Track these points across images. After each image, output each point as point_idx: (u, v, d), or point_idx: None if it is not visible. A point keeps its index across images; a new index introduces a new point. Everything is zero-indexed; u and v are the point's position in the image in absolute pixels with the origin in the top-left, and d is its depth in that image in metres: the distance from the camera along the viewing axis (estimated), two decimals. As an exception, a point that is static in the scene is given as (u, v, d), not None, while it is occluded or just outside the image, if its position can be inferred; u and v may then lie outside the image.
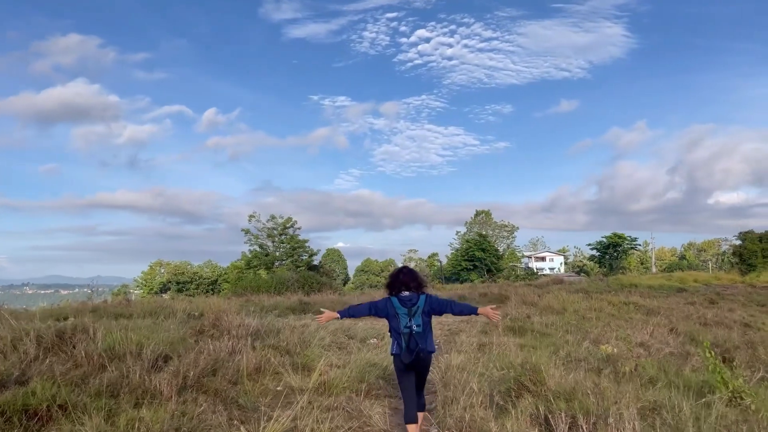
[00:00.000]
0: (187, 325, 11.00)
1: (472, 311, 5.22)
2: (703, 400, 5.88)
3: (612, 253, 74.56)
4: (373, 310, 5.24)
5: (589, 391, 5.20)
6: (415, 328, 5.01)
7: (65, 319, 12.88)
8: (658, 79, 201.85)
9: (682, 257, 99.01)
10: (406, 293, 5.15)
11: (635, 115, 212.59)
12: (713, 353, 6.77)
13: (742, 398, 6.23)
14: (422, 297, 5.15)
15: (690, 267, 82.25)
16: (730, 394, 6.21)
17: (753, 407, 6.07)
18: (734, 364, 8.17)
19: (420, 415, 5.31)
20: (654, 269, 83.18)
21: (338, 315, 5.27)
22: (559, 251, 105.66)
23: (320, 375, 7.27)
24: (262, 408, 5.99)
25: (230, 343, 8.44)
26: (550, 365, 6.09)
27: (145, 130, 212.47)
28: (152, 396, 5.73)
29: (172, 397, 5.71)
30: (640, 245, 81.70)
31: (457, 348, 10.29)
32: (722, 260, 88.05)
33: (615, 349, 9.88)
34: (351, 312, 5.30)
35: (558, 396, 5.28)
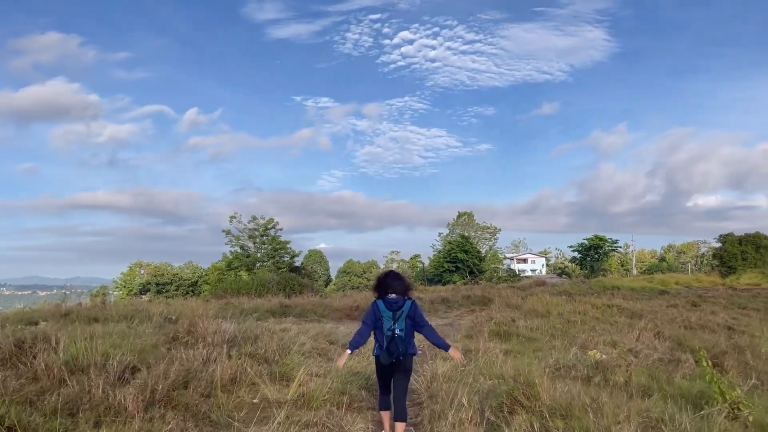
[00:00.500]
0: (161, 330, 10.52)
1: (444, 347, 5.46)
2: (702, 412, 5.61)
3: (593, 255, 75.00)
4: (369, 323, 5.33)
5: (588, 408, 4.87)
6: (398, 331, 5.19)
7: (35, 324, 12.32)
8: (638, 82, 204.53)
9: (662, 259, 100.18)
10: (393, 296, 5.29)
11: (616, 119, 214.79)
12: (709, 362, 6.52)
13: (739, 409, 5.99)
14: (408, 302, 5.33)
15: (670, 269, 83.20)
16: (728, 406, 5.95)
17: (751, 419, 5.84)
18: (730, 373, 7.94)
19: (401, 425, 5.32)
20: (634, 271, 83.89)
21: (349, 351, 5.34)
22: (540, 253, 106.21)
23: (299, 386, 6.87)
24: (236, 424, 5.57)
25: (205, 351, 7.97)
26: (544, 377, 5.74)
27: (126, 130, 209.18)
28: (115, 413, 5.27)
29: (137, 414, 5.26)
30: (620, 247, 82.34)
31: (442, 355, 9.94)
32: (701, 262, 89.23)
33: (604, 356, 9.63)
34: (357, 342, 5.32)
35: (553, 412, 4.95)
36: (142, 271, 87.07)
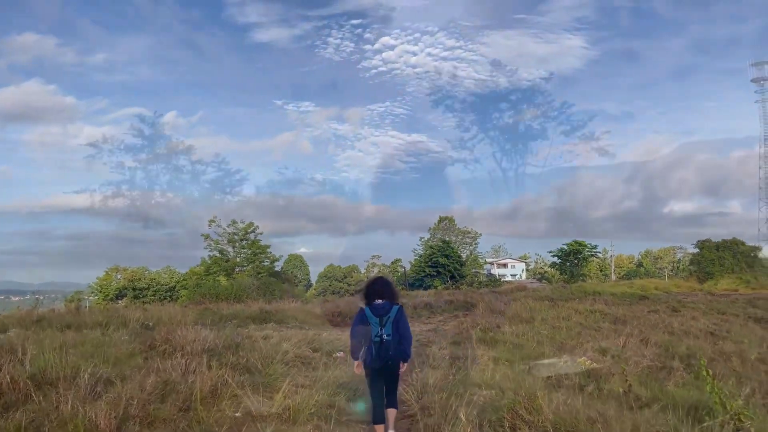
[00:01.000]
0: (138, 338, 10.09)
1: (404, 359, 5.42)
2: (705, 424, 5.41)
3: (573, 260, 75.36)
4: (360, 330, 5.33)
5: (597, 421, 4.61)
6: (385, 336, 5.20)
7: (5, 331, 11.87)
8: (617, 89, 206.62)
9: (640, 264, 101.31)
10: (380, 301, 5.35)
11: (595, 125, 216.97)
12: (710, 371, 6.32)
13: (741, 420, 5.80)
14: (395, 307, 5.38)
15: (647, 274, 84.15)
16: (729, 417, 5.76)
17: (753, 430, 5.66)
18: (729, 382, 7.78)
19: (393, 411, 5.38)
20: (613, 277, 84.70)
21: (358, 360, 5.37)
22: (520, 258, 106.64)
23: (284, 398, 6.51)
24: (217, 441, 5.22)
25: (183, 361, 7.57)
26: (546, 390, 5.47)
27: (103, 133, 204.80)
28: (86, 431, 4.88)
29: (110, 431, 4.88)
30: (599, 252, 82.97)
31: (429, 363, 9.67)
32: (678, 268, 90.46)
33: (594, 364, 9.45)
34: (357, 349, 5.37)
35: (558, 427, 4.68)
36: (119, 276, 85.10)
